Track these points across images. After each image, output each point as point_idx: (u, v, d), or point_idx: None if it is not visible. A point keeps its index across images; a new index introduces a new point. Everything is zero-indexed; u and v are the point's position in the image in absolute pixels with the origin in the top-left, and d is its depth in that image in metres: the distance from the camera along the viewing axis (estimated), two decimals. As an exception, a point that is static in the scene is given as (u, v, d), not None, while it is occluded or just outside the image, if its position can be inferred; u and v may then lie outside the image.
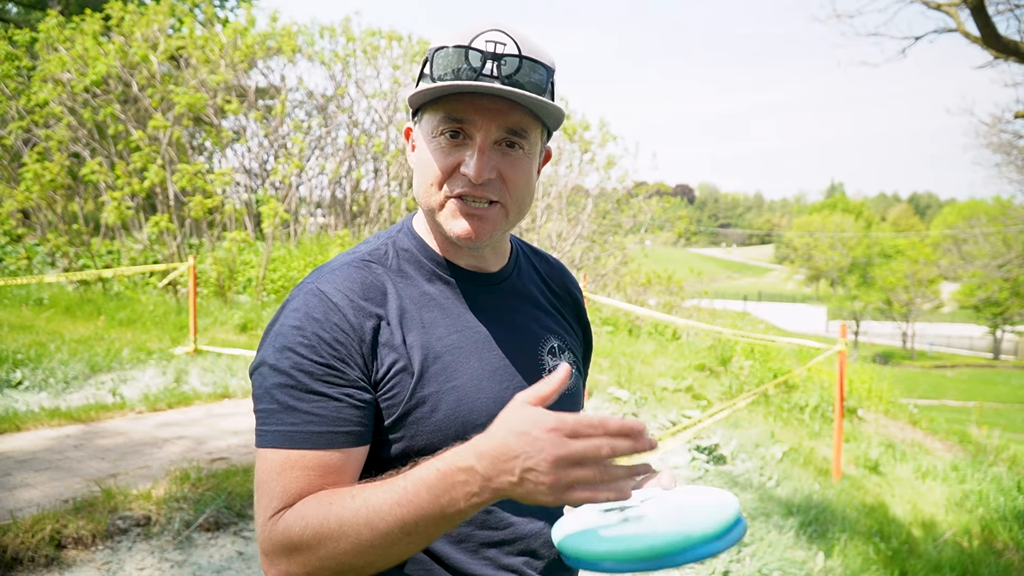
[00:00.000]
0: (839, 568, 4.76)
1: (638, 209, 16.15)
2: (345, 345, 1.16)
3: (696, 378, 9.05)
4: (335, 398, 1.13)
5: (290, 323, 1.17)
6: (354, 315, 1.18)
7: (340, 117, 14.58)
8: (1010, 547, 6.98)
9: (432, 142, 1.22)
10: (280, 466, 1.11)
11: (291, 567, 1.07)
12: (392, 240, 1.34)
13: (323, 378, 1.13)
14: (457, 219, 1.22)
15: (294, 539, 1.06)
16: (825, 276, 62.95)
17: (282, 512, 1.09)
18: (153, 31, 12.29)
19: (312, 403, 1.12)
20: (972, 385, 37.19)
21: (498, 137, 1.19)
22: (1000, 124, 14.84)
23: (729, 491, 1.13)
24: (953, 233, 46.89)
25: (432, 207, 1.24)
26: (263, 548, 1.10)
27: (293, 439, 1.11)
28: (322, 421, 1.12)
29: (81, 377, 6.94)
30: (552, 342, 1.39)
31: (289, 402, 1.13)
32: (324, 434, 1.12)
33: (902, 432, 10.47)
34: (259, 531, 1.11)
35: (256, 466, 1.15)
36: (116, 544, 3.67)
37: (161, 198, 11.80)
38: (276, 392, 1.14)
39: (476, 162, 1.17)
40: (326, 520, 1.05)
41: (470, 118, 1.18)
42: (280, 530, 1.08)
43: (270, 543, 1.09)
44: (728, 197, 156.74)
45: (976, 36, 7.29)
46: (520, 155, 1.22)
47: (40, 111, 11.77)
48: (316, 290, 1.20)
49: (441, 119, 1.20)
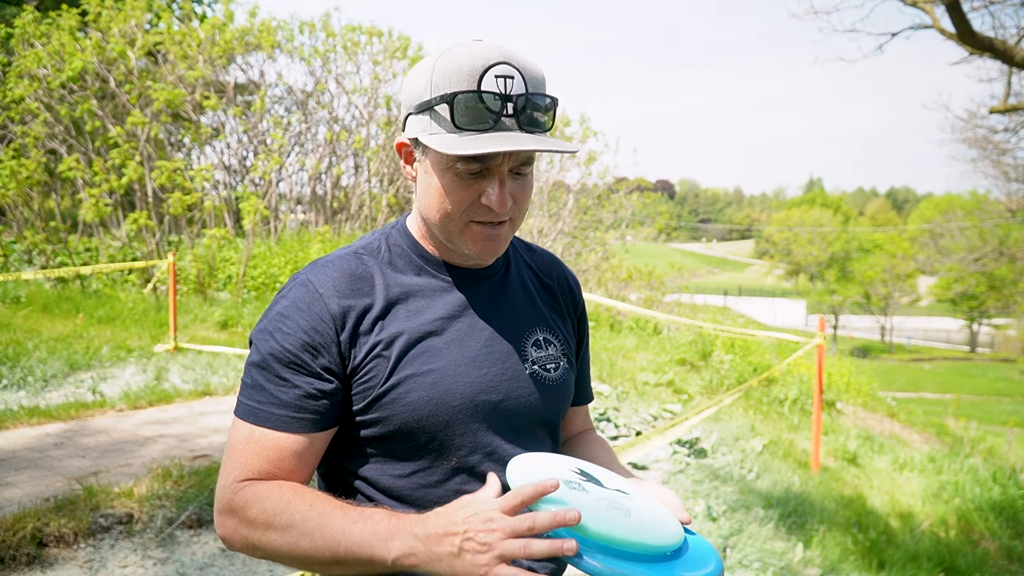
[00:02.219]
0: (818, 559, 4.83)
1: (619, 205, 16.17)
2: (321, 334, 1.26)
3: (677, 372, 9.10)
4: (297, 385, 1.25)
5: (278, 308, 1.30)
6: (337, 305, 1.27)
7: (320, 113, 14.49)
8: (986, 537, 7.09)
9: (447, 172, 1.26)
10: (246, 439, 1.26)
11: (235, 533, 1.23)
12: (386, 236, 1.40)
13: (289, 365, 1.26)
14: (477, 242, 1.30)
15: (248, 515, 1.20)
16: (804, 271, 63.47)
17: (245, 483, 1.23)
18: (130, 26, 12.16)
19: (277, 386, 1.26)
20: (949, 378, 37.64)
21: (513, 167, 1.27)
22: (975, 119, 14.99)
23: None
24: (930, 227, 47.40)
25: (450, 233, 1.31)
26: (219, 506, 1.25)
27: (257, 415, 1.26)
28: (282, 405, 1.25)
29: (60, 375, 6.88)
30: (538, 334, 1.42)
31: (260, 381, 1.27)
32: (282, 417, 1.25)
33: (880, 424, 10.60)
34: (219, 490, 1.25)
35: (229, 430, 1.30)
36: (98, 542, 3.65)
37: (140, 195, 11.70)
38: (252, 369, 1.29)
39: (499, 196, 1.25)
40: (278, 515, 1.18)
41: (492, 159, 1.24)
42: (240, 500, 1.22)
43: (227, 505, 1.23)
44: (708, 192, 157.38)
45: (952, 32, 7.38)
46: (529, 178, 1.32)
47: (16, 107, 11.62)
48: (306, 280, 1.31)
49: (459, 157, 1.23)
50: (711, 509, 5.03)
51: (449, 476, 1.29)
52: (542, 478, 1.09)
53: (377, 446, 1.30)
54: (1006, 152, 17.06)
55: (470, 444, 1.29)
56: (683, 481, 5.60)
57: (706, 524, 4.81)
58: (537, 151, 1.20)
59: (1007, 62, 7.54)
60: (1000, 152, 17.21)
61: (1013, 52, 7.31)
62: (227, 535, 1.24)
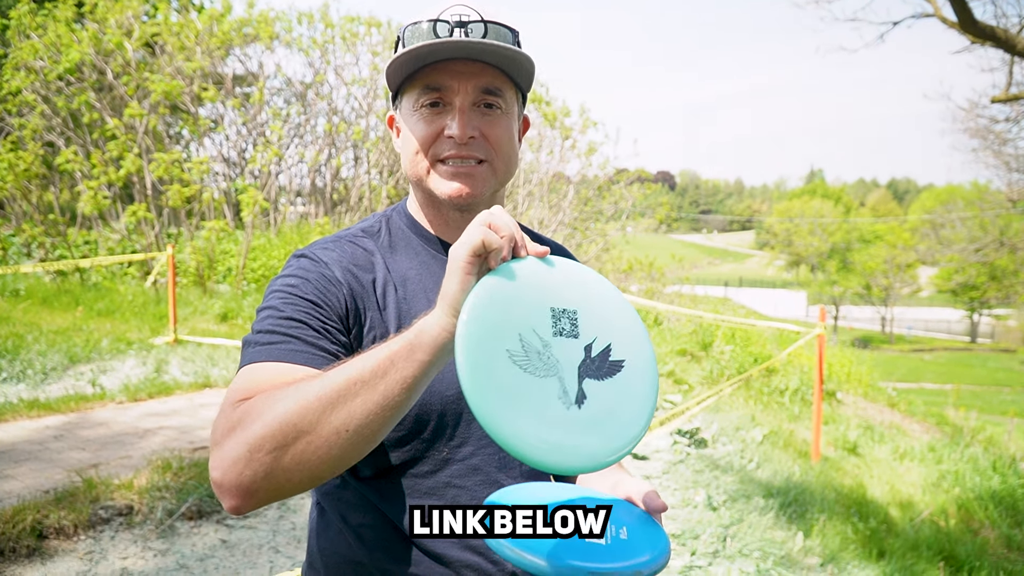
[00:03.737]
0: (818, 548, 4.83)
1: (619, 196, 16.15)
2: (332, 294, 1.19)
3: (678, 363, 9.10)
4: (315, 328, 1.14)
5: (281, 282, 1.21)
6: (341, 274, 1.23)
7: (319, 104, 14.46)
8: (986, 526, 7.10)
9: (413, 115, 1.27)
10: (251, 371, 1.08)
11: (247, 466, 0.94)
12: (386, 218, 1.39)
13: (306, 310, 1.15)
14: (446, 180, 1.26)
15: (244, 410, 0.98)
16: (805, 261, 63.35)
17: (240, 403, 1.01)
18: (127, 18, 12.12)
19: (296, 330, 1.13)
20: (949, 368, 37.65)
21: (475, 99, 1.24)
22: (977, 109, 14.94)
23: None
24: (931, 218, 47.31)
25: (420, 175, 1.28)
26: (212, 437, 1.00)
27: (271, 353, 1.09)
28: (302, 343, 1.11)
29: (60, 368, 6.88)
30: None
31: (275, 329, 1.12)
32: (303, 352, 1.10)
33: (880, 414, 10.60)
34: (214, 424, 1.01)
35: (229, 386, 1.09)
36: (98, 534, 3.65)
37: (138, 187, 11.69)
38: (264, 322, 1.14)
39: (458, 122, 1.23)
40: (280, 395, 0.97)
41: (446, 84, 1.23)
42: (238, 411, 0.99)
43: (220, 428, 0.99)
44: (709, 183, 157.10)
45: (953, 21, 7.35)
46: (499, 114, 1.27)
47: (13, 99, 11.60)
48: (309, 253, 1.26)
49: (419, 92, 1.25)
50: (711, 499, 5.03)
51: (440, 467, 1.26)
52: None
53: None
54: (1007, 142, 17.01)
55: (462, 435, 1.26)
56: (683, 471, 5.60)
57: (707, 513, 4.81)
58: (476, 57, 1.21)
59: (1009, 51, 7.51)
60: (1001, 142, 17.17)
61: (1015, 41, 7.28)
62: (221, 461, 0.96)
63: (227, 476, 0.95)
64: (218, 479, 0.96)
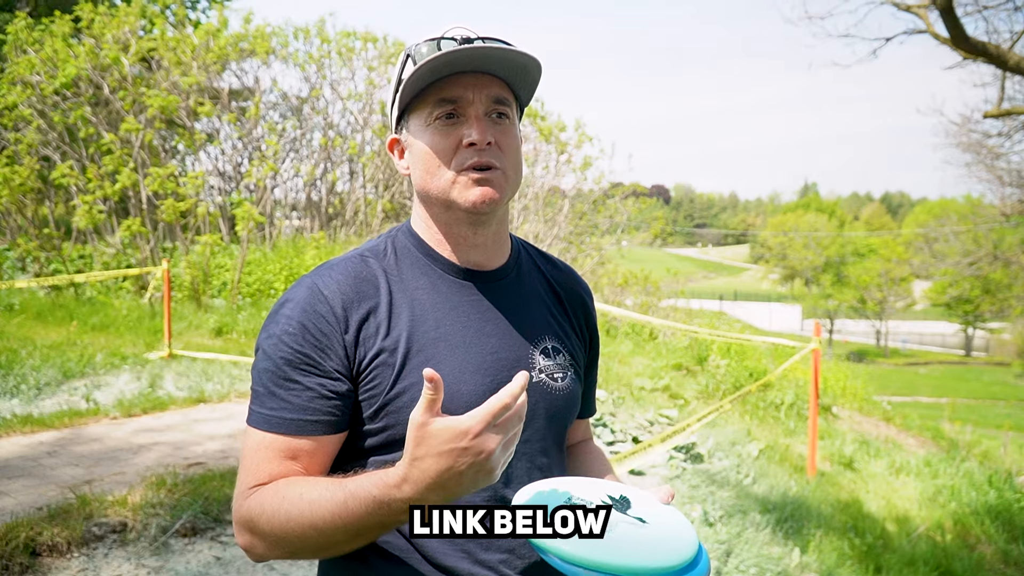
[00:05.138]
0: (815, 563, 4.82)
1: (614, 210, 16.19)
2: (328, 336, 1.24)
3: (673, 377, 9.10)
4: (308, 387, 1.23)
5: (283, 312, 1.27)
6: (342, 307, 1.25)
7: (315, 119, 14.50)
8: (983, 541, 7.09)
9: (428, 130, 1.29)
10: (257, 445, 1.23)
11: (253, 541, 1.21)
12: (392, 238, 1.39)
13: (300, 367, 1.23)
14: (471, 188, 1.28)
15: (254, 520, 1.19)
16: (799, 275, 63.48)
17: (254, 489, 1.21)
18: (124, 33, 12.16)
19: (288, 391, 1.23)
20: (944, 381, 37.69)
21: (488, 108, 1.28)
22: (969, 124, 15.04)
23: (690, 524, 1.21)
24: (925, 232, 47.43)
25: (444, 188, 1.29)
26: (234, 518, 1.23)
27: (269, 422, 1.23)
28: (294, 408, 1.22)
29: (54, 383, 6.85)
30: (547, 343, 1.40)
31: (271, 387, 1.24)
32: (295, 421, 1.22)
33: (876, 429, 10.60)
34: (235, 501, 1.24)
35: (242, 439, 1.27)
36: (92, 551, 3.62)
37: (133, 201, 11.68)
38: (263, 376, 1.25)
39: (477, 128, 1.26)
40: (276, 513, 1.16)
41: (460, 95, 1.27)
42: (246, 508, 1.20)
43: (238, 516, 1.22)
44: (703, 197, 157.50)
45: (945, 37, 7.39)
46: (508, 124, 1.31)
47: (9, 114, 11.61)
48: (310, 283, 1.29)
49: (433, 106, 1.28)
50: (708, 514, 5.02)
51: None
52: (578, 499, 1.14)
53: (379, 454, 1.27)
54: (1000, 156, 17.10)
55: None
56: (680, 486, 5.59)
57: (703, 529, 4.80)
58: (487, 70, 1.26)
59: (1000, 66, 7.56)
60: (994, 156, 17.26)
61: (1006, 56, 7.32)
62: (246, 547, 1.23)
63: (240, 543, 1.24)
64: (239, 544, 1.24)
